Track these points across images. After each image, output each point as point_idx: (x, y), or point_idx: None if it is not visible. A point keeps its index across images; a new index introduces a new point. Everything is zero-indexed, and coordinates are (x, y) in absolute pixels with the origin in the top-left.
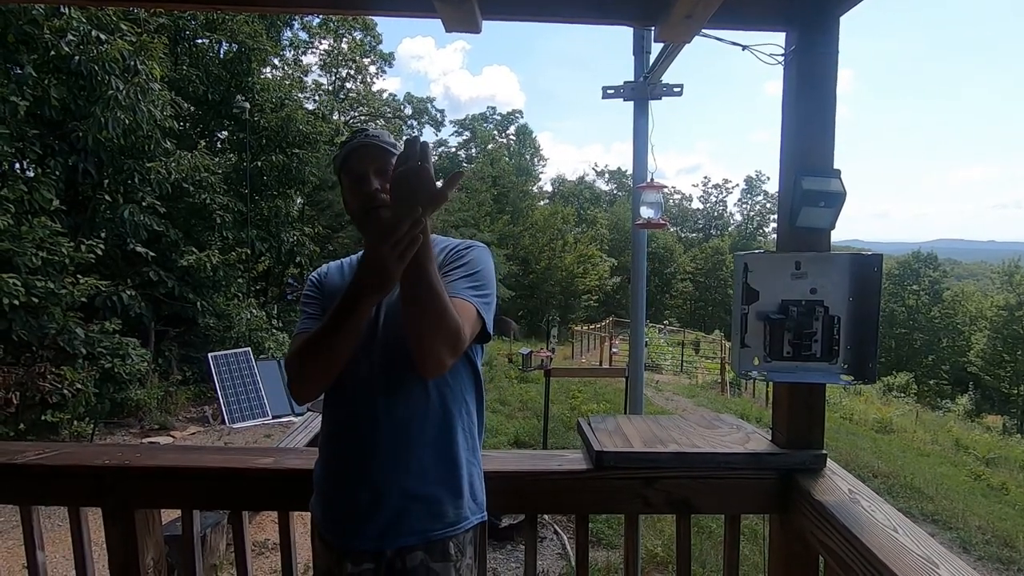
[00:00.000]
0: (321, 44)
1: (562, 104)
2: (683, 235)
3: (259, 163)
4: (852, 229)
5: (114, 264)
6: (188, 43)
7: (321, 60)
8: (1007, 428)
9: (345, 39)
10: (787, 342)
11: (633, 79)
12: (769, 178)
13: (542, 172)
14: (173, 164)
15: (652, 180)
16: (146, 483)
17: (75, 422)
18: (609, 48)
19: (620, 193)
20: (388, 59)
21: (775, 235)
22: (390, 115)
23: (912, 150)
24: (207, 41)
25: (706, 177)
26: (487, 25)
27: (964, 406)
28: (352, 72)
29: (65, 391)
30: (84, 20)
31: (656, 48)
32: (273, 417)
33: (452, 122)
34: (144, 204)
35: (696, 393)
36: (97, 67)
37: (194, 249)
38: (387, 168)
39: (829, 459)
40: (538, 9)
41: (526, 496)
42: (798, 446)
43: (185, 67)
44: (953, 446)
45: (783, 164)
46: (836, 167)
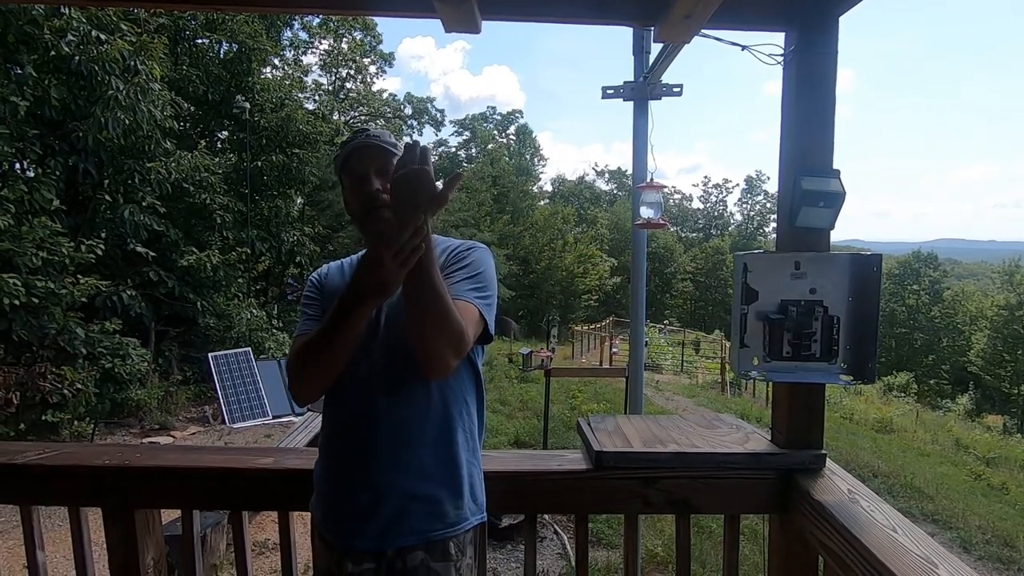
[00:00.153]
0: (321, 44)
1: (562, 104)
2: (683, 235)
3: (259, 163)
4: (852, 228)
5: (114, 264)
6: (188, 43)
7: (321, 60)
8: (1007, 428)
9: (345, 39)
10: (787, 342)
11: (633, 79)
12: (769, 178)
13: (542, 172)
14: (173, 164)
15: (652, 180)
16: (146, 483)
17: (75, 422)
18: (609, 48)
19: (620, 193)
20: (388, 59)
21: (775, 235)
22: (390, 115)
23: (912, 149)
24: (207, 41)
25: (706, 177)
26: (487, 25)
27: (964, 406)
28: (352, 72)
29: (65, 391)
30: (84, 20)
31: (656, 48)
32: (273, 417)
33: (452, 122)
34: (144, 204)
35: (696, 393)
36: (97, 67)
37: (194, 249)
38: (388, 168)
39: (829, 459)
40: (538, 9)
41: (526, 496)
42: (798, 446)
43: (185, 67)
44: (953, 446)
45: (783, 164)
46: (836, 167)
